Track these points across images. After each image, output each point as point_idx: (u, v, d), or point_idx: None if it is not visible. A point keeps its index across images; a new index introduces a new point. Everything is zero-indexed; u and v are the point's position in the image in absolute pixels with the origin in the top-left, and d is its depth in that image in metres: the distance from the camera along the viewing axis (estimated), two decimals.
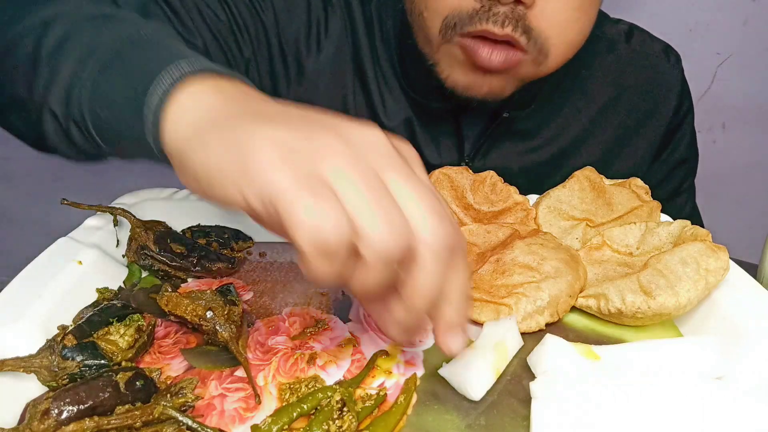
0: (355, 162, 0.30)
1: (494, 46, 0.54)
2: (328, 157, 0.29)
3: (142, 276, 0.50)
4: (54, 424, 0.33)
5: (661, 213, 0.56)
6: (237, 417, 0.37)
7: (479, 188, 0.57)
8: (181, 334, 0.44)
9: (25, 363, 0.37)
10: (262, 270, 0.52)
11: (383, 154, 0.31)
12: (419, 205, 0.30)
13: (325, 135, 0.30)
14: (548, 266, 0.47)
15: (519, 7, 0.52)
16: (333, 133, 0.31)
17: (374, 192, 0.29)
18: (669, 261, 0.45)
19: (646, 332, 0.46)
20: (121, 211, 0.50)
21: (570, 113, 0.72)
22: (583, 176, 0.57)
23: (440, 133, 0.69)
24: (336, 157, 0.30)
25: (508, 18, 0.52)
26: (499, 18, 0.52)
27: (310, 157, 0.29)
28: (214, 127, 0.32)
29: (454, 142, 0.69)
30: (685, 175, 0.79)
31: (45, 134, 0.44)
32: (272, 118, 0.32)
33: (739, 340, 0.42)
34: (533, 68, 0.57)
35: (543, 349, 0.40)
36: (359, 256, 0.29)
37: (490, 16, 0.52)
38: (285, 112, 0.33)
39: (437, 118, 0.68)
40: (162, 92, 0.35)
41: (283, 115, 0.32)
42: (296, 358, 0.42)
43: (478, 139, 0.69)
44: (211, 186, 0.32)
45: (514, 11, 0.52)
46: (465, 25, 0.54)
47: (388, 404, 0.38)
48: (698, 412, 0.35)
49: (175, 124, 0.34)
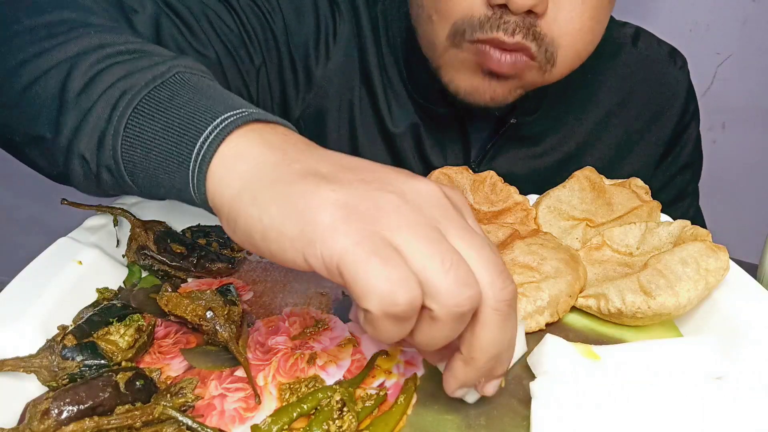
0: (416, 220, 0.29)
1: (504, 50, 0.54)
2: (389, 217, 0.29)
3: (142, 276, 0.50)
4: (54, 424, 0.33)
5: (662, 214, 0.56)
6: (237, 417, 0.37)
7: (479, 188, 0.57)
8: (181, 334, 0.44)
9: (25, 363, 0.37)
10: (262, 270, 0.52)
11: (440, 207, 0.31)
12: (479, 260, 0.30)
13: (382, 192, 0.30)
14: (548, 266, 0.47)
15: (530, 17, 0.52)
16: (389, 189, 0.30)
17: (440, 249, 0.29)
18: (669, 261, 0.45)
19: (646, 332, 0.46)
20: (121, 211, 0.50)
21: (576, 118, 0.71)
22: (583, 176, 0.57)
23: (447, 138, 0.69)
24: (397, 216, 0.29)
25: (519, 26, 0.52)
26: (510, 26, 0.52)
27: (371, 218, 0.29)
28: (263, 183, 0.31)
29: (460, 147, 0.69)
30: (690, 179, 0.79)
31: (72, 175, 0.40)
32: (325, 175, 0.31)
33: (739, 340, 0.42)
34: (539, 76, 0.57)
35: (543, 349, 0.40)
36: (425, 312, 0.29)
37: (501, 24, 0.52)
38: (335, 164, 0.32)
39: (443, 123, 0.68)
40: (207, 144, 0.33)
41: (335, 170, 0.32)
42: (296, 358, 0.42)
43: (484, 145, 0.69)
44: (267, 246, 0.31)
45: (525, 20, 0.52)
46: (475, 31, 0.53)
47: (388, 404, 0.38)
48: (698, 412, 0.35)
49: (222, 179, 0.33)
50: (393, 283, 0.27)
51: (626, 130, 0.73)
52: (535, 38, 0.53)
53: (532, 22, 0.52)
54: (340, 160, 0.33)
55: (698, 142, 0.79)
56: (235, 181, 0.32)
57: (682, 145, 0.76)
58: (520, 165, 0.70)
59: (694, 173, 0.80)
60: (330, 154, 0.33)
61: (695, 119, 0.77)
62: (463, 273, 0.29)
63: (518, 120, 0.67)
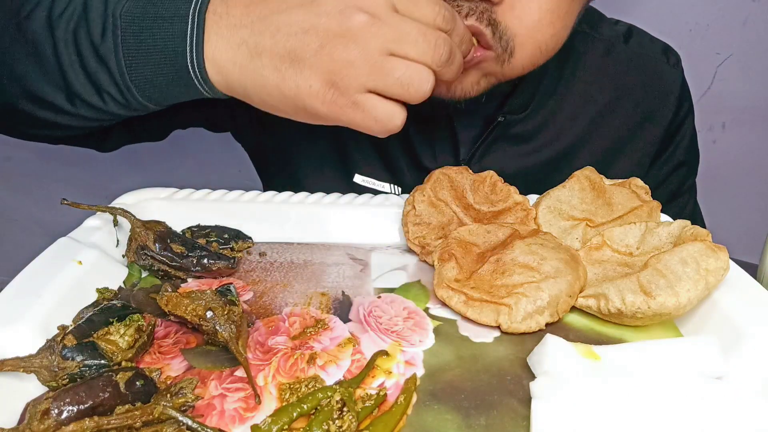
0: (384, 22, 0.42)
1: None
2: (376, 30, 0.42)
3: (142, 276, 0.50)
4: (54, 424, 0.33)
5: (661, 213, 0.56)
6: (237, 417, 0.37)
7: (479, 188, 0.57)
8: (181, 334, 0.44)
9: (25, 363, 0.37)
10: (262, 270, 0.52)
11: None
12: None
13: (353, 16, 0.42)
14: (548, 266, 0.47)
15: (485, 3, 0.52)
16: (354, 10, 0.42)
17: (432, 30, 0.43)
18: (669, 261, 0.45)
19: (646, 332, 0.46)
20: (121, 211, 0.50)
21: (568, 116, 0.71)
22: (583, 176, 0.57)
23: (436, 137, 0.69)
24: (380, 29, 0.42)
25: (472, 10, 0.52)
26: (464, 10, 0.52)
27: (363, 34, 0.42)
28: (250, 52, 0.44)
29: (450, 146, 0.69)
30: (685, 176, 0.78)
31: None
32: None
33: (739, 340, 0.42)
34: (498, 66, 0.56)
35: (543, 349, 0.40)
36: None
37: (454, 7, 0.52)
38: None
39: (432, 122, 0.68)
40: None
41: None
42: (296, 358, 0.42)
43: (473, 144, 0.69)
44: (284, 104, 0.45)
45: (480, 5, 0.52)
46: None
47: (388, 404, 0.38)
48: (698, 412, 0.35)
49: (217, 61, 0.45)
50: (437, 46, 0.44)
51: (619, 128, 0.72)
52: (490, 23, 0.52)
53: (487, 7, 0.52)
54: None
55: (694, 140, 0.78)
56: (229, 62, 0.45)
57: (677, 143, 0.76)
58: (511, 163, 0.69)
59: (690, 171, 0.79)
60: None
61: (690, 117, 0.76)
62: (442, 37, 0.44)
63: (507, 118, 0.67)
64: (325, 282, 0.51)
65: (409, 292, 0.50)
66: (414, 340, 0.44)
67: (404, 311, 0.47)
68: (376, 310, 0.47)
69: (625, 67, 0.72)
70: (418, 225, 0.55)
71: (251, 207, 0.57)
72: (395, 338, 0.44)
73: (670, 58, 0.74)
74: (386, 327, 0.45)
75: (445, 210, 0.56)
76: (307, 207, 0.58)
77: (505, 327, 0.44)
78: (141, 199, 0.56)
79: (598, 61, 0.72)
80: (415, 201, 0.56)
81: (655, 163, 0.76)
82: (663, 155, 0.76)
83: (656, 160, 0.76)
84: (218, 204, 0.57)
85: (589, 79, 0.71)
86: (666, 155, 0.76)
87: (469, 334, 0.45)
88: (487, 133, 0.68)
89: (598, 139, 0.72)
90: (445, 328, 0.45)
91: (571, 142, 0.72)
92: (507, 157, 0.70)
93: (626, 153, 0.74)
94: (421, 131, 0.69)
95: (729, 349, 0.41)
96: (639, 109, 0.73)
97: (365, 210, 0.58)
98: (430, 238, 0.54)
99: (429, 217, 0.56)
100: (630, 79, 0.72)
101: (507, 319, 0.44)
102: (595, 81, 0.71)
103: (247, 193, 0.59)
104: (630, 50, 0.73)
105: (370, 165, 0.72)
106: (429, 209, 0.56)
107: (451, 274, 0.48)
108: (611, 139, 0.73)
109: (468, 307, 0.46)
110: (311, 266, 0.53)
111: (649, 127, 0.73)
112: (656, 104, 0.73)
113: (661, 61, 0.74)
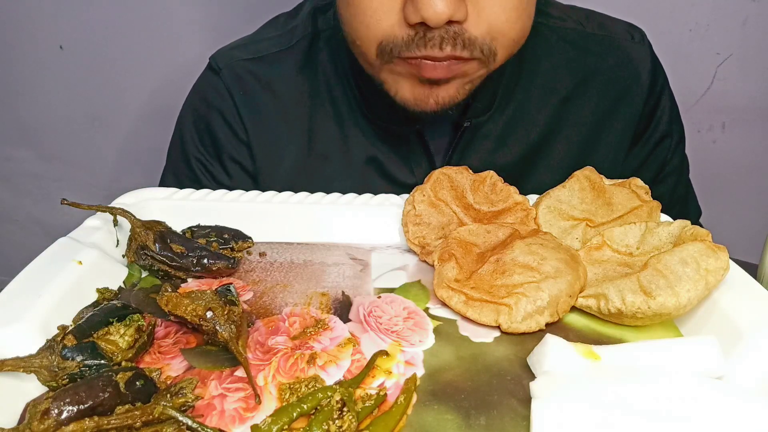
0: None
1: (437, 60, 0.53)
2: None
3: (142, 276, 0.50)
4: (54, 424, 0.33)
5: (662, 214, 0.56)
6: (237, 417, 0.37)
7: (479, 188, 0.57)
8: (181, 334, 0.44)
9: (25, 363, 0.37)
10: (262, 270, 0.52)
11: None
12: None
13: None
14: (548, 266, 0.47)
15: (453, 26, 0.51)
16: None
17: None
18: (669, 261, 0.45)
19: (646, 332, 0.46)
20: (121, 211, 0.50)
21: (534, 109, 0.70)
22: (583, 176, 0.57)
23: (409, 153, 0.69)
24: None
25: (444, 39, 0.51)
26: (436, 41, 0.51)
27: None
28: None
29: (424, 158, 0.69)
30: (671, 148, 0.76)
31: None
32: None
33: (739, 340, 0.42)
34: (483, 68, 0.56)
35: (543, 349, 0.40)
36: None
37: (426, 42, 0.51)
38: None
39: (404, 139, 0.68)
40: None
41: None
42: (296, 358, 0.42)
43: (446, 152, 0.69)
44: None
45: (449, 31, 0.51)
46: (402, 51, 0.53)
47: (388, 404, 0.38)
48: (698, 412, 0.35)
49: None
50: None
51: (593, 112, 0.71)
52: (466, 46, 0.52)
53: (457, 31, 0.51)
54: None
55: (674, 113, 0.76)
56: None
57: (658, 119, 0.74)
58: (488, 164, 0.68)
59: (676, 143, 0.76)
60: None
61: (666, 89, 0.74)
62: None
63: (473, 122, 0.67)
64: (325, 282, 0.51)
65: (409, 292, 0.50)
66: (414, 340, 0.44)
67: (404, 311, 0.47)
68: (376, 310, 0.47)
69: (585, 51, 0.71)
70: (418, 225, 0.55)
71: (251, 207, 0.57)
72: (395, 338, 0.44)
73: (635, 35, 0.72)
74: (386, 327, 0.45)
75: (445, 210, 0.56)
76: (307, 207, 0.58)
77: (505, 327, 0.44)
78: (141, 199, 0.56)
79: (554, 50, 0.70)
80: (415, 201, 0.56)
81: (638, 143, 0.74)
82: (645, 134, 0.74)
83: (638, 140, 0.74)
84: (218, 204, 0.57)
85: (548, 69, 0.70)
86: (648, 133, 0.74)
87: (469, 334, 0.45)
88: (457, 139, 0.68)
89: (569, 128, 0.71)
90: (445, 328, 0.45)
91: (542, 133, 0.70)
92: (482, 158, 0.69)
93: (605, 136, 0.72)
94: (393, 151, 0.69)
95: (729, 349, 0.41)
96: (610, 90, 0.71)
97: (365, 210, 0.58)
98: (430, 238, 0.54)
99: (429, 217, 0.56)
100: (593, 62, 0.71)
101: (507, 319, 0.44)
102: (555, 70, 0.70)
103: (247, 193, 0.59)
104: (587, 33, 0.72)
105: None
106: (429, 209, 0.56)
107: (451, 274, 0.48)
108: (587, 124, 0.71)
109: (468, 307, 0.46)
110: (311, 266, 0.53)
111: (624, 106, 0.72)
112: (627, 84, 0.71)
113: (625, 40, 0.72)
